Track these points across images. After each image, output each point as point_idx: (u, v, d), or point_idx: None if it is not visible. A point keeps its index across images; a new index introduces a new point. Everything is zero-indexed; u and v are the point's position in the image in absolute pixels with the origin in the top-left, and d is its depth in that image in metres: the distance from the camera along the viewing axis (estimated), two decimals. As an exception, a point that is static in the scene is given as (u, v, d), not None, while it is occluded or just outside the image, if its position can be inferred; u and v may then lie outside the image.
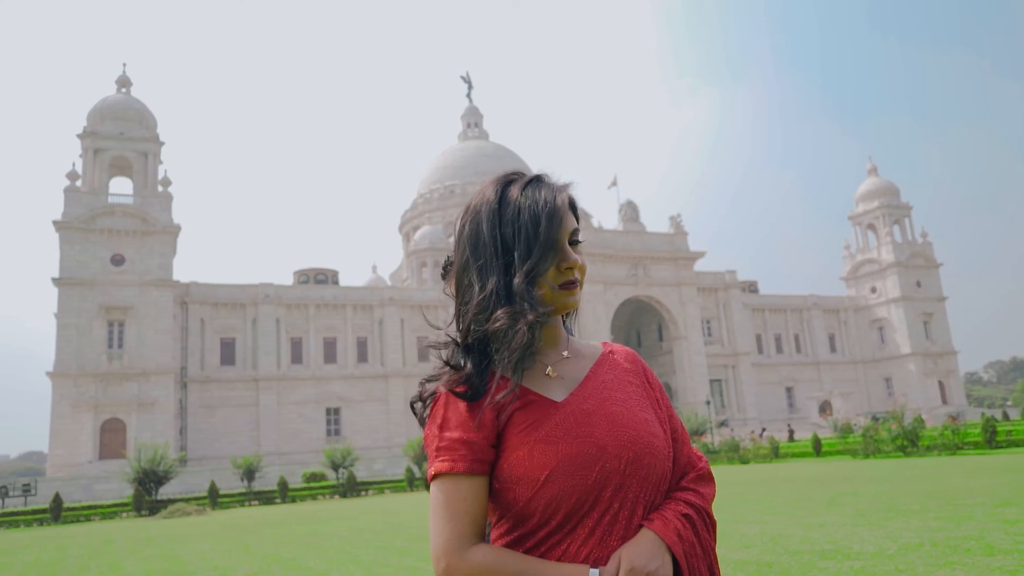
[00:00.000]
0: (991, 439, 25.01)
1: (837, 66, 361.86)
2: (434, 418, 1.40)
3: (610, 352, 1.56)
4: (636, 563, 1.29)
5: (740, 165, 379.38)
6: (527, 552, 1.36)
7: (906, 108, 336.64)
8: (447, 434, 1.37)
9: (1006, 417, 45.10)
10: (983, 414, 38.20)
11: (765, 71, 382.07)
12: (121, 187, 61.07)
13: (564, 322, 1.58)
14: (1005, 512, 10.00)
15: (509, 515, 1.39)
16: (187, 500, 31.20)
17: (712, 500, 1.50)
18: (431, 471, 1.38)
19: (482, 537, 1.35)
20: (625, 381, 1.49)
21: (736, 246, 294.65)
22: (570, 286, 1.43)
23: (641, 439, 1.38)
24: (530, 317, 1.35)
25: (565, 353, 1.51)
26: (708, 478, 1.53)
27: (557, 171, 1.52)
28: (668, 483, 1.45)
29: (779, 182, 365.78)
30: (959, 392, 77.16)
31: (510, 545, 1.38)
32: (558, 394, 1.44)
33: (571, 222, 1.45)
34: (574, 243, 1.45)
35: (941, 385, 75.64)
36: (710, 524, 1.46)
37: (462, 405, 1.38)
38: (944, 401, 74.29)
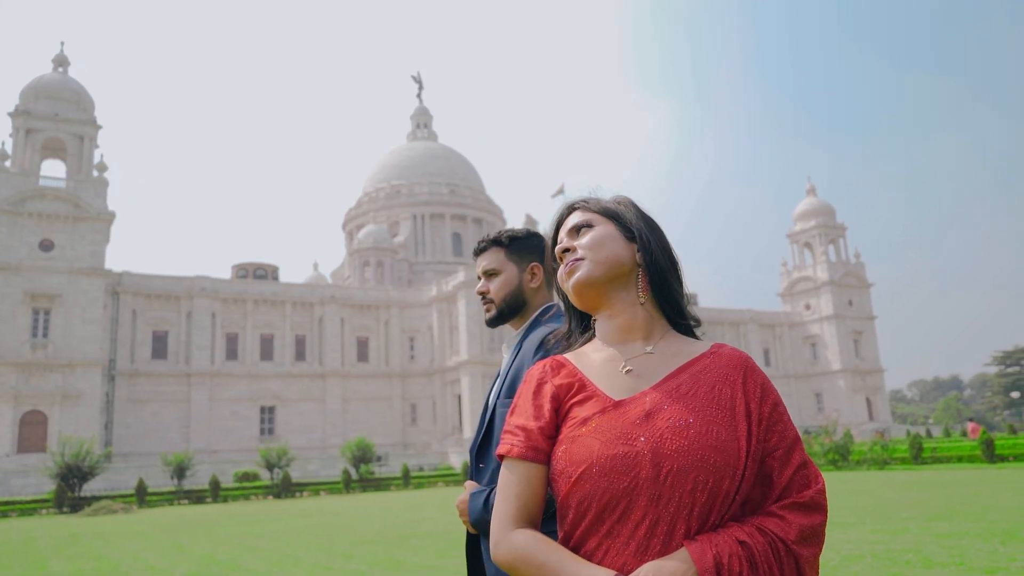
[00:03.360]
0: (917, 455, 26.02)
1: (808, 82, 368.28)
2: (512, 405, 1.50)
3: (711, 353, 1.46)
4: None
5: (701, 177, 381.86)
6: (571, 550, 1.34)
7: (882, 126, 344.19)
8: (511, 419, 1.46)
9: (929, 434, 47.16)
10: (908, 431, 39.80)
11: (733, 84, 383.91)
12: (54, 170, 58.67)
13: (682, 321, 1.55)
14: (938, 526, 10.37)
15: (557, 509, 1.40)
16: (113, 497, 30.13)
17: (807, 533, 1.31)
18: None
19: (530, 522, 1.38)
20: (708, 386, 1.39)
21: (695, 257, 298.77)
22: (566, 267, 1.52)
23: (694, 451, 1.29)
24: None
25: (648, 349, 1.46)
26: (807, 507, 1.34)
27: (508, 177, 1.58)
28: (736, 502, 1.33)
29: (740, 196, 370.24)
30: (885, 409, 79.91)
31: (560, 540, 1.37)
32: (621, 392, 1.40)
33: (569, 221, 1.59)
34: (581, 229, 1.55)
35: (868, 401, 78.23)
36: (785, 558, 1.29)
37: (529, 394, 1.46)
38: (871, 417, 76.87)
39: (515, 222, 79.16)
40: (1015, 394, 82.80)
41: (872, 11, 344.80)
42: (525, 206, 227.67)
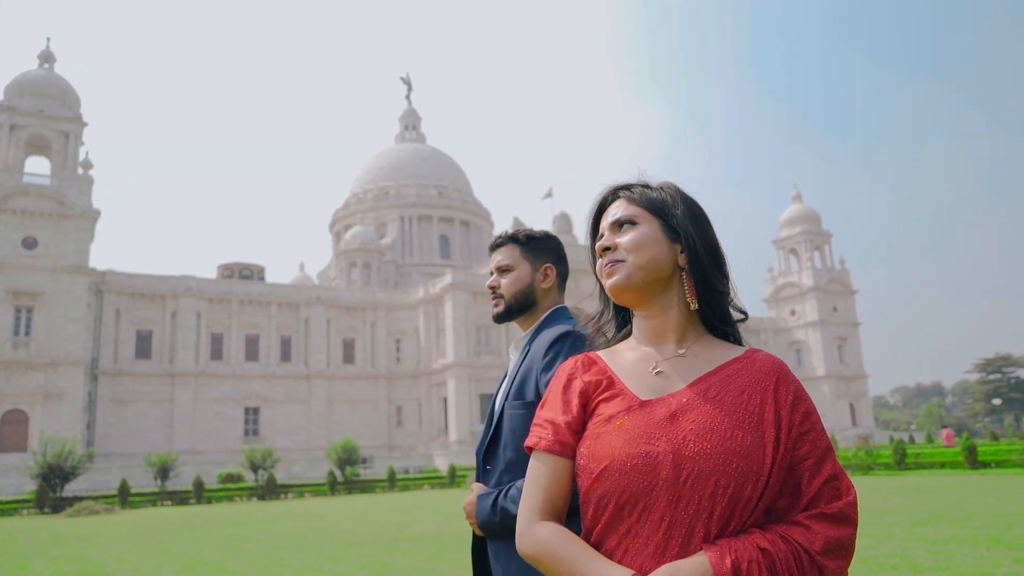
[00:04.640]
0: (901, 461, 26.22)
1: (802, 87, 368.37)
2: (543, 398, 1.53)
3: (744, 358, 1.44)
4: None
5: (692, 179, 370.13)
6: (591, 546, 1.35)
7: (876, 131, 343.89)
8: (541, 412, 1.49)
9: (911, 440, 47.50)
10: (891, 437, 40.12)
11: (726, 89, 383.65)
12: (38, 167, 58.26)
13: (727, 327, 1.52)
14: (923, 531, 10.44)
15: (580, 505, 1.40)
16: (95, 498, 29.82)
17: (833, 545, 1.28)
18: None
19: (555, 515, 1.40)
20: (738, 391, 1.37)
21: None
22: (605, 266, 1.48)
23: (716, 455, 1.28)
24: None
25: (682, 351, 1.45)
26: (835, 518, 1.30)
27: (496, 180, 1.54)
28: (759, 509, 1.30)
29: (732, 200, 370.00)
30: (868, 415, 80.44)
31: (581, 535, 1.38)
32: (649, 392, 1.39)
33: (612, 212, 1.52)
34: (624, 225, 1.49)
35: (852, 407, 78.76)
36: (809, 568, 1.26)
37: (559, 389, 1.48)
38: (854, 423, 77.38)
39: (503, 225, 79.16)
40: (996, 401, 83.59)
41: (868, 16, 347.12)
42: (513, 209, 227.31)
